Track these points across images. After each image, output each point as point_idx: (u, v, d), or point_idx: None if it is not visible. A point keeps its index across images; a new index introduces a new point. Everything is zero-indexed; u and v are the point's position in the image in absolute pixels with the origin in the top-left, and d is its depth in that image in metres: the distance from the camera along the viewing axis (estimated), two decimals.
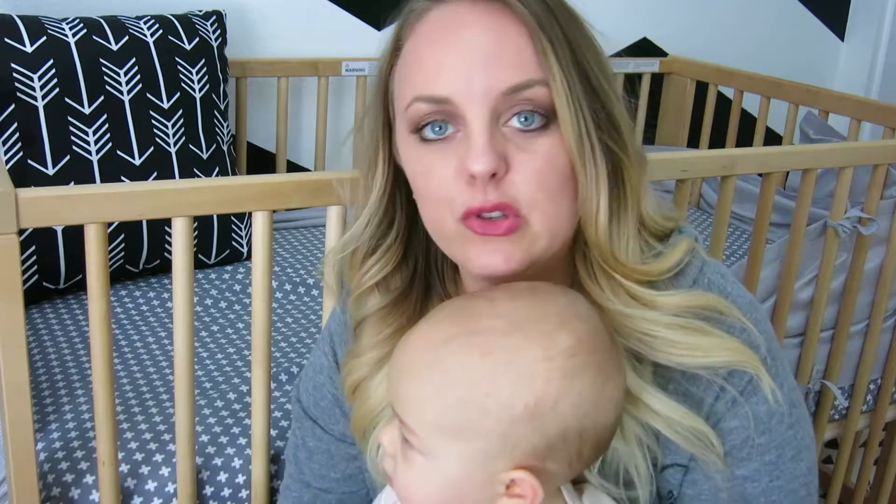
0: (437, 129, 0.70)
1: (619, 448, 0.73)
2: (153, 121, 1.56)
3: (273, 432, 1.15)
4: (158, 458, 1.12)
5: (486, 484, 0.64)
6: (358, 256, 0.80)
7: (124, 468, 1.09)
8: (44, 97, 1.45)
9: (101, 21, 1.56)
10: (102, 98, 1.50)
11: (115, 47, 1.53)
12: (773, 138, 2.30)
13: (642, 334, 0.72)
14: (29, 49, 1.45)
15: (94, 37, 1.52)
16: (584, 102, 0.70)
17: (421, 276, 0.82)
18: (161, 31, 1.60)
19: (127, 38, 1.55)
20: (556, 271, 0.77)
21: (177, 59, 1.61)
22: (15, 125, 1.43)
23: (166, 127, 1.57)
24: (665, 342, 0.71)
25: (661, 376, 0.74)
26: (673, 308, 0.72)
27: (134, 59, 1.55)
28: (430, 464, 0.64)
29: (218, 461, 1.13)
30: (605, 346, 0.66)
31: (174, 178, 1.56)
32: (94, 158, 1.48)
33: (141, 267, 1.57)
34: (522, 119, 0.69)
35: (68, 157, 1.46)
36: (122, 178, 1.50)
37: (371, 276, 0.79)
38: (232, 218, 1.66)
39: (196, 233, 1.55)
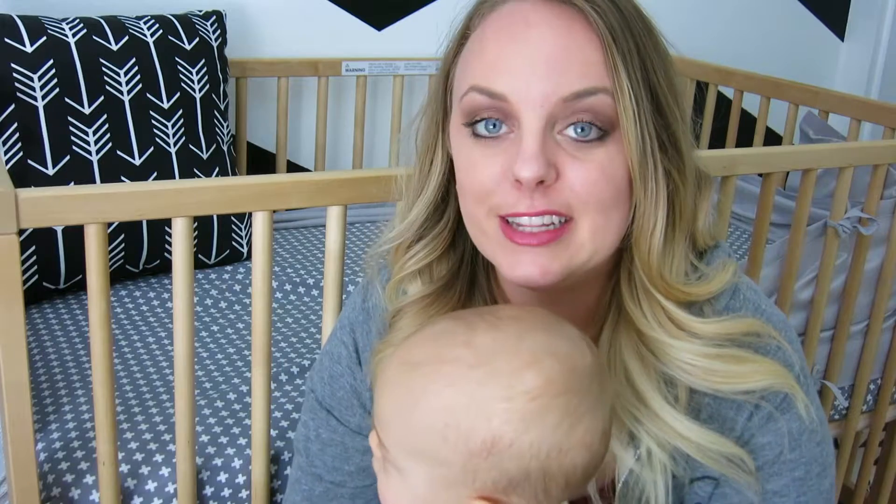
0: (492, 126, 0.69)
1: (644, 475, 0.73)
2: (153, 121, 1.56)
3: (273, 432, 1.15)
4: (158, 458, 1.11)
5: None
6: (404, 244, 0.79)
7: (124, 468, 1.09)
8: (44, 97, 1.45)
9: (101, 21, 1.56)
10: (102, 98, 1.50)
11: (115, 47, 1.53)
12: (773, 138, 2.30)
13: (683, 363, 0.72)
14: (29, 49, 1.45)
15: (94, 37, 1.52)
16: (650, 120, 0.69)
17: (467, 266, 0.80)
18: (161, 31, 1.60)
19: (127, 38, 1.55)
20: (594, 289, 0.76)
21: (177, 59, 1.61)
22: (15, 125, 1.43)
23: (166, 127, 1.57)
24: (705, 371, 0.72)
25: (694, 399, 0.74)
26: (713, 336, 0.72)
27: (134, 59, 1.55)
28: (401, 478, 0.65)
29: (218, 461, 1.13)
30: (582, 388, 0.63)
31: (174, 178, 1.56)
32: (94, 158, 1.48)
33: (141, 267, 1.57)
34: (579, 129, 0.68)
35: (68, 157, 1.46)
36: (122, 178, 1.50)
37: (416, 262, 0.78)
38: (232, 218, 1.66)
39: (196, 233, 1.55)
